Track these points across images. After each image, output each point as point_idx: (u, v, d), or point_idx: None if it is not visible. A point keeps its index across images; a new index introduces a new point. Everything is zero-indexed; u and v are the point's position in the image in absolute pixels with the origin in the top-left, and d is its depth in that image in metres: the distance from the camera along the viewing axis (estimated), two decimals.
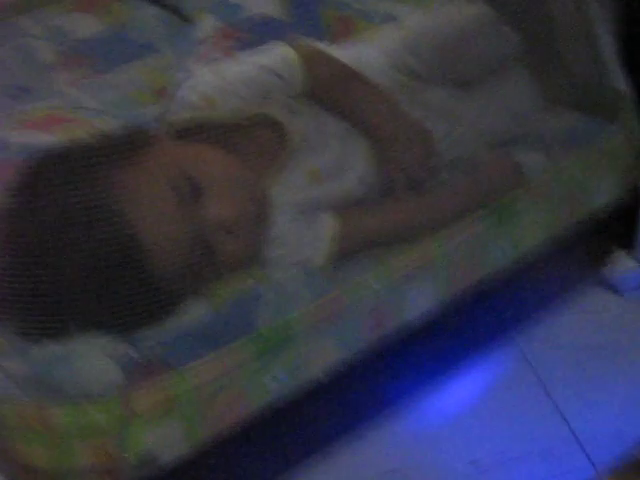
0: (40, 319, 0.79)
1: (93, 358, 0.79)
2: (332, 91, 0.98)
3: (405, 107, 1.05)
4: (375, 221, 0.97)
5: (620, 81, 1.14)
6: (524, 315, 1.28)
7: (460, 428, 1.15)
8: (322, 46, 1.04)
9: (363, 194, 0.99)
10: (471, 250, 0.96)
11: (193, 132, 0.92)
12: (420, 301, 0.94)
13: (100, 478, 0.79)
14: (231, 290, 0.88)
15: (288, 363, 0.86)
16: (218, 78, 0.94)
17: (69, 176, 0.79)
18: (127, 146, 0.82)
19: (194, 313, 0.85)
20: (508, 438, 1.13)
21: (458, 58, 1.07)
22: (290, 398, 0.89)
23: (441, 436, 1.14)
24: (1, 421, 0.77)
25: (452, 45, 1.06)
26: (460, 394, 1.20)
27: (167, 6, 1.47)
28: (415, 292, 0.93)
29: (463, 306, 1.27)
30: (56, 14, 1.39)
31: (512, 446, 1.12)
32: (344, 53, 1.09)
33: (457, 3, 1.11)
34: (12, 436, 0.78)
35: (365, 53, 1.09)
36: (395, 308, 0.92)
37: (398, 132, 0.99)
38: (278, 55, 0.97)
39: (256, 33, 1.34)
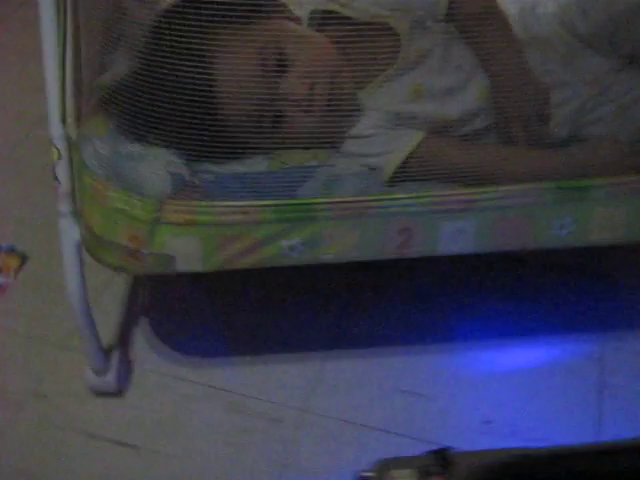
0: (135, 122, 0.98)
1: (157, 166, 0.97)
2: (470, 25, 1.01)
3: (556, 65, 1.04)
4: (458, 154, 1.00)
5: None
6: (621, 318, 1.22)
7: (493, 388, 1.16)
8: None
9: (461, 127, 1.02)
10: (526, 214, 0.95)
11: (319, 19, 1.02)
12: (455, 240, 0.96)
13: (128, 257, 0.98)
14: (293, 160, 0.99)
15: (307, 237, 0.96)
16: None
17: (187, 18, 0.94)
18: (247, 13, 0.96)
19: (253, 166, 0.99)
20: (536, 418, 1.13)
21: (628, 30, 1.02)
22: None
23: (472, 384, 1.17)
24: (83, 188, 0.99)
25: (624, 15, 1.01)
26: (516, 358, 1.20)
27: None
28: (450, 229, 0.96)
29: (562, 279, 1.26)
30: None
31: (535, 425, 1.12)
32: None
33: None
34: (85, 201, 1.00)
35: (543, 2, 1.09)
36: (426, 236, 0.96)
37: (515, 85, 0.99)
38: None
39: None
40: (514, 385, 1.16)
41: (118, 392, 1.16)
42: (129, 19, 1.09)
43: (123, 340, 1.23)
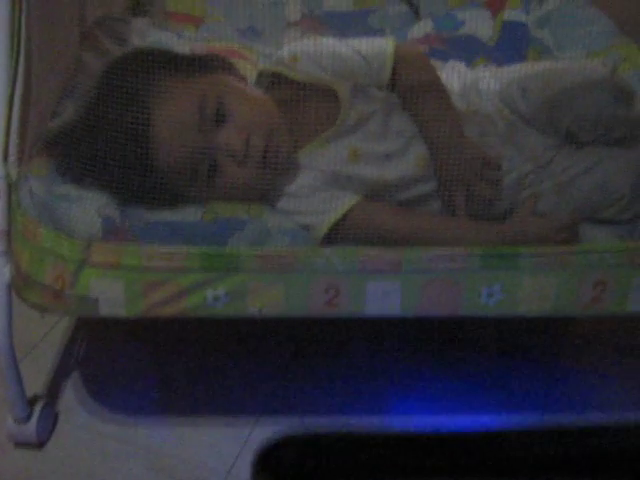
0: (73, 164, 0.99)
1: (89, 208, 0.97)
2: (412, 95, 1.03)
3: (495, 139, 1.06)
4: (391, 220, 1.00)
5: None
6: (560, 402, 1.20)
7: None
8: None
9: (399, 192, 1.03)
10: (453, 279, 0.95)
11: (266, 80, 1.05)
12: (382, 301, 0.95)
13: (52, 297, 0.97)
14: (225, 212, 0.99)
15: (232, 288, 0.95)
16: (314, 46, 1.05)
17: (134, 67, 0.97)
18: (189, 65, 0.98)
19: (185, 214, 0.99)
20: None
21: (566, 110, 1.04)
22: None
23: None
24: (15, 226, 0.99)
25: (562, 95, 1.04)
26: None
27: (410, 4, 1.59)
28: (377, 289, 0.95)
29: (503, 360, 1.24)
30: None
31: None
32: (477, 73, 1.13)
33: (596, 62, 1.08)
34: (16, 240, 0.99)
35: (487, 78, 1.11)
36: (353, 295, 0.95)
37: (455, 157, 1.00)
38: (376, 46, 1.04)
39: (454, 47, 1.41)
40: None
41: (38, 444, 1.13)
42: (84, 70, 1.12)
43: (51, 392, 1.20)
